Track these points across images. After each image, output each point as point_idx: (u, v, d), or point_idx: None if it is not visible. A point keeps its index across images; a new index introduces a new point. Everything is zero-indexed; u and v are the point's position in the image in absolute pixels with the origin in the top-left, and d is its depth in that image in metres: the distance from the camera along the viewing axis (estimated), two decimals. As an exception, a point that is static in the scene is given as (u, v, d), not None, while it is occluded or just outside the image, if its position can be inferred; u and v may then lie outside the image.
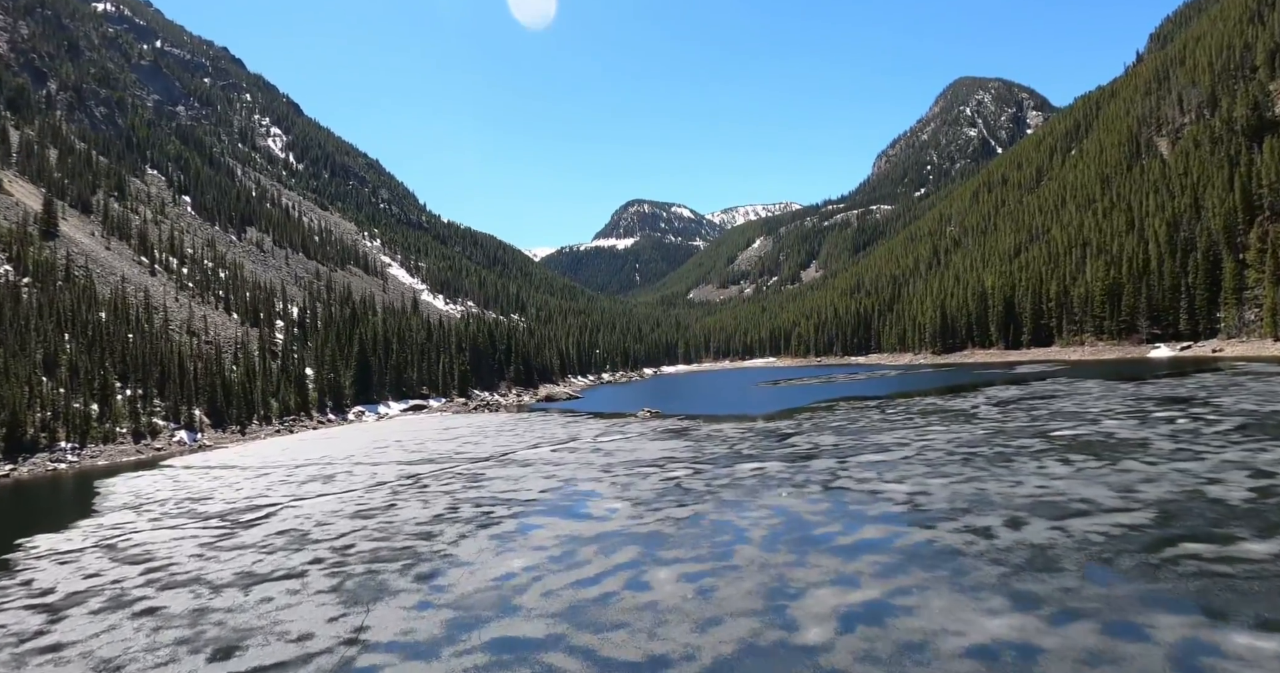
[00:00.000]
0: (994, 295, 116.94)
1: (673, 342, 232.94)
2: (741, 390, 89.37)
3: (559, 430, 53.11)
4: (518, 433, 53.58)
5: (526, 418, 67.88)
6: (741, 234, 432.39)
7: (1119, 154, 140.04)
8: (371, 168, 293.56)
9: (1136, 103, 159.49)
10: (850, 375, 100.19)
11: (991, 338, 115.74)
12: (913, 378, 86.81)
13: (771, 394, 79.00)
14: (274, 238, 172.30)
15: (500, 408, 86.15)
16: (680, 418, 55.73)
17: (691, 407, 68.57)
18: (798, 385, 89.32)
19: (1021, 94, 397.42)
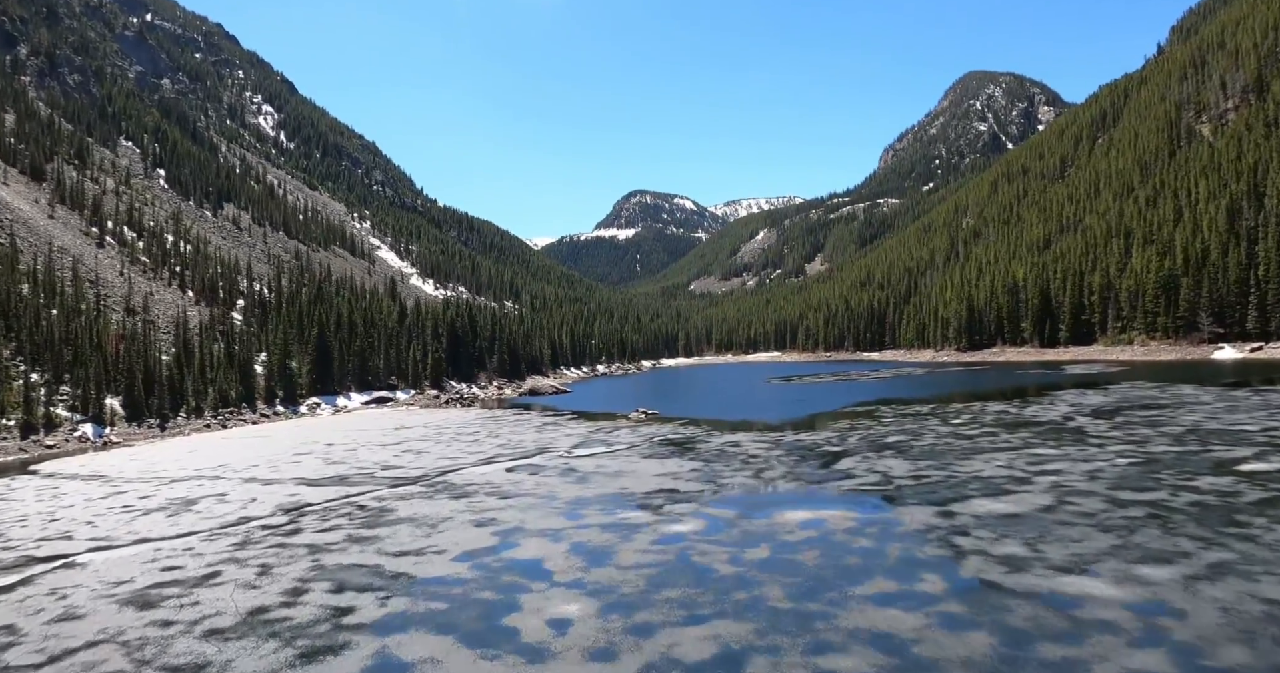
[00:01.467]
0: (1027, 288, 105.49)
1: (673, 333, 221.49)
2: (750, 388, 78.20)
3: (529, 437, 41.79)
4: (478, 439, 42.26)
5: (499, 416, 56.54)
6: (745, 226, 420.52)
7: (1157, 140, 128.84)
8: (366, 149, 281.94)
9: (1172, 89, 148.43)
10: (871, 373, 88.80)
11: (1025, 334, 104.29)
12: (947, 378, 75.49)
13: (788, 394, 67.72)
14: (253, 215, 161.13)
15: (475, 402, 74.88)
16: (682, 423, 44.41)
17: (695, 407, 57.36)
18: (815, 383, 78.06)
19: (1033, 89, 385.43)
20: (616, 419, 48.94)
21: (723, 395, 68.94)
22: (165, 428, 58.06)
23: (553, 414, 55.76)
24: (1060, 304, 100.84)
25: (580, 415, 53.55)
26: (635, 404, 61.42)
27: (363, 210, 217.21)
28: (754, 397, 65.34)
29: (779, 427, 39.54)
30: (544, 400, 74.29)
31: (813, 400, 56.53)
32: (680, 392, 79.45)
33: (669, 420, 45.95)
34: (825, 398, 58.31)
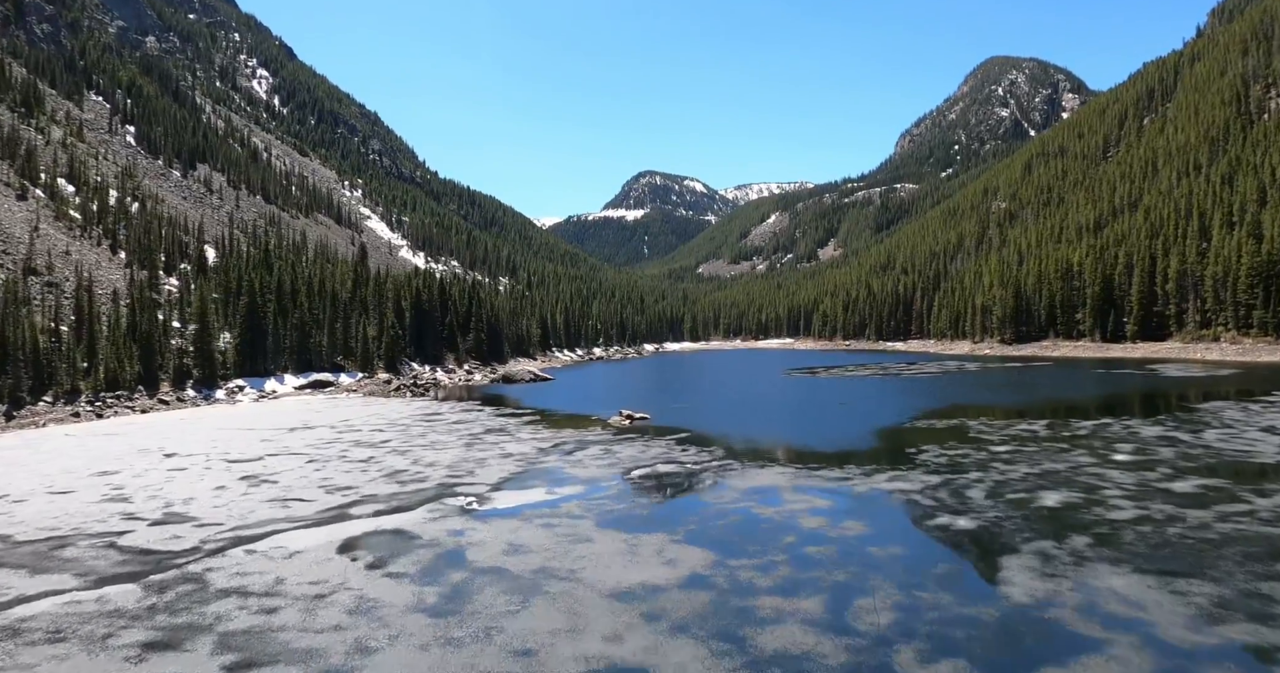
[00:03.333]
0: (1084, 274, 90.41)
1: (678, 316, 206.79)
2: (768, 382, 63.91)
3: (449, 457, 27.55)
4: (376, 457, 28.04)
5: (439, 415, 42.27)
6: (756, 209, 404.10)
7: (1225, 114, 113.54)
8: (365, 117, 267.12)
9: (1234, 63, 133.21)
10: (909, 367, 74.13)
11: (1082, 326, 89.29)
12: (1011, 377, 60.98)
13: (818, 393, 53.40)
14: (229, 177, 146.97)
15: (431, 391, 60.67)
16: (679, 438, 30.22)
17: (699, 409, 43.05)
18: (846, 379, 63.67)
19: (1057, 75, 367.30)
20: (590, 426, 34.71)
21: (735, 392, 54.55)
22: (12, 417, 44.01)
23: (512, 414, 41.44)
24: (1125, 293, 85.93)
25: (545, 418, 39.22)
26: (626, 399, 47.33)
27: (355, 179, 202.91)
28: (775, 396, 50.95)
29: (832, 458, 25.24)
30: (516, 390, 60.05)
31: (859, 406, 42.09)
32: (682, 384, 65.10)
33: (662, 433, 31.71)
34: (873, 402, 43.90)
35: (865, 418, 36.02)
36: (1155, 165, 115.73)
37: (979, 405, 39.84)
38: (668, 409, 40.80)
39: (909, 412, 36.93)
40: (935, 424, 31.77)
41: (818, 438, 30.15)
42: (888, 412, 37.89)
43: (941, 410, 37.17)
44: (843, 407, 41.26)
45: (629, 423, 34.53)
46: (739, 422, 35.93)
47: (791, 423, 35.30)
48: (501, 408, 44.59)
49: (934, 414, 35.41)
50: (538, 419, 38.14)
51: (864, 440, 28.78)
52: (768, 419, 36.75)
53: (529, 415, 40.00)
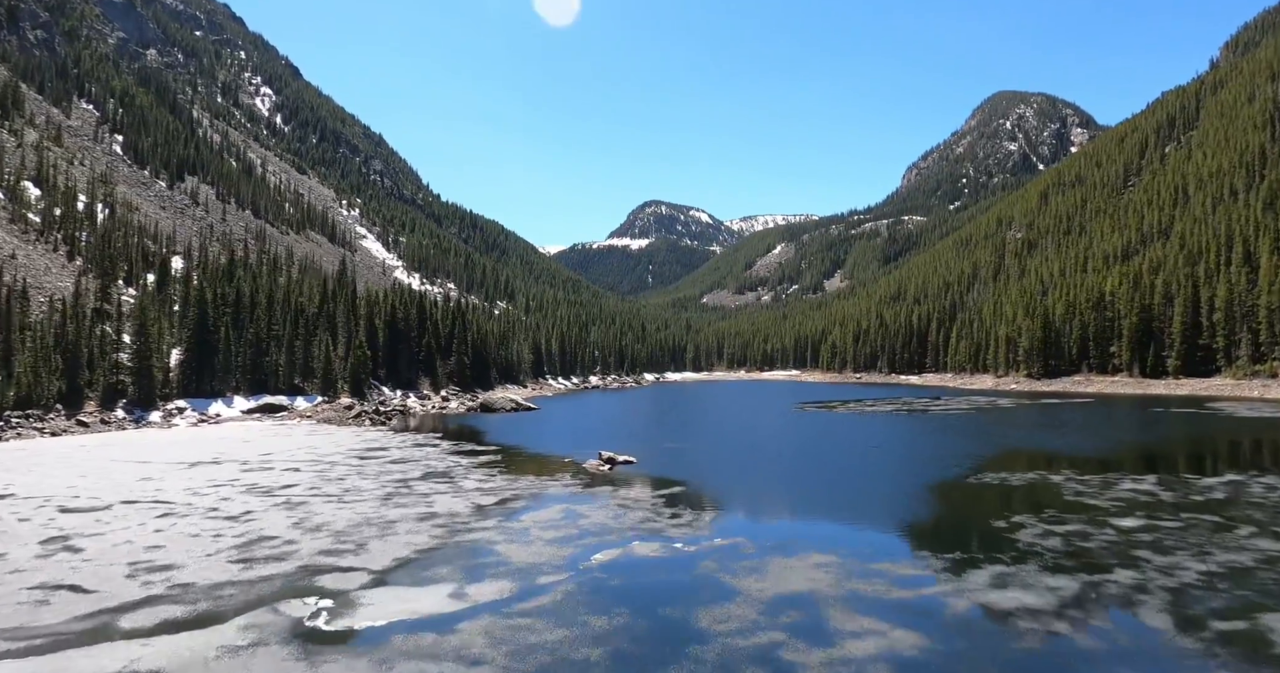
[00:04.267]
0: (1121, 304, 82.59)
1: (680, 345, 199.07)
2: (779, 419, 56.26)
3: (349, 516, 19.93)
4: (256, 512, 20.52)
5: (383, 450, 34.67)
6: (761, 239, 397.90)
7: (1258, 139, 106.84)
8: (368, 138, 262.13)
9: (1262, 88, 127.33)
10: (935, 403, 66.16)
11: (1118, 360, 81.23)
12: (1060, 417, 53.23)
13: (839, 433, 45.69)
14: (219, 191, 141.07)
15: (394, 418, 53.02)
16: (672, 497, 22.69)
17: (699, 452, 35.43)
18: (867, 414, 55.95)
19: (1065, 110, 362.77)
20: (558, 471, 27.07)
21: (741, 430, 46.70)
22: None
23: (470, 451, 33.77)
24: (1165, 325, 78.16)
25: (508, 458, 31.53)
26: (614, 435, 39.85)
27: (353, 198, 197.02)
28: (790, 435, 43.11)
29: (889, 536, 17.63)
30: (492, 422, 52.39)
31: (895, 450, 34.26)
32: (681, 418, 57.25)
33: (648, 484, 24.12)
34: (911, 446, 36.07)
35: (911, 468, 28.27)
36: (1185, 191, 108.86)
37: (1046, 452, 32.08)
38: (660, 450, 33.17)
39: (963, 459, 29.18)
40: (1008, 479, 24.00)
41: (857, 499, 22.46)
42: (936, 459, 30.15)
43: (1003, 458, 29.45)
44: (876, 451, 33.51)
45: (608, 469, 26.84)
46: (748, 470, 28.19)
47: (816, 474, 27.55)
48: (462, 444, 36.85)
49: (997, 464, 27.66)
50: (497, 460, 30.41)
51: (922, 505, 21.04)
52: (784, 467, 29.01)
53: (489, 455, 32.27)
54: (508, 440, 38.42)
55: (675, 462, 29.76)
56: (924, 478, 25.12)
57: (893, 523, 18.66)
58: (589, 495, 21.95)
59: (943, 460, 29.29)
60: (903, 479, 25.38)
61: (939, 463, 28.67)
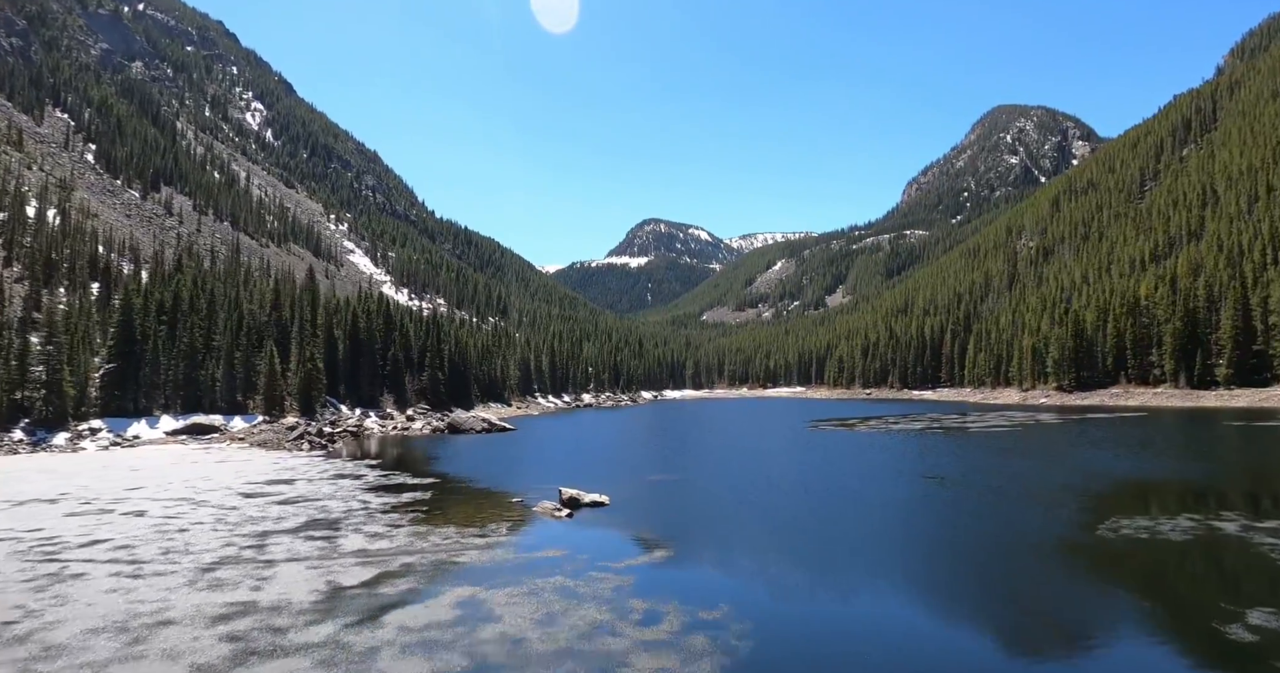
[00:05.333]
0: (1160, 308, 74.62)
1: (680, 361, 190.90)
2: (792, 438, 48.39)
3: (117, 607, 11.89)
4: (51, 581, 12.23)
5: (289, 482, 27.16)
6: (761, 256, 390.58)
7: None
8: (362, 154, 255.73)
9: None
10: (971, 421, 57.87)
11: (1161, 370, 73.06)
12: (1120, 431, 45.41)
13: (868, 453, 37.86)
14: (197, 202, 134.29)
15: (340, 441, 45.14)
16: (652, 568, 14.67)
17: (696, 488, 27.60)
18: (894, 433, 48.01)
19: (1066, 123, 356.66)
20: (498, 517, 19.28)
21: (749, 456, 38.52)
22: None
23: (397, 486, 25.89)
24: (1211, 330, 70.19)
25: (440, 499, 23.57)
26: (593, 463, 32.12)
27: (342, 213, 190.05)
28: (810, 462, 34.98)
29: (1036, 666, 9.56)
30: (453, 445, 44.49)
31: (967, 488, 26.04)
32: (678, 442, 49.08)
33: (617, 549, 16.32)
34: (984, 481, 27.90)
35: (999, 512, 20.22)
36: (1214, 191, 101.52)
37: (1163, 482, 24.30)
38: (645, 485, 25.32)
39: (1063, 497, 21.31)
40: (1160, 531, 16.16)
41: (937, 571, 14.58)
42: (1026, 497, 22.17)
43: (1118, 494, 21.65)
44: (935, 485, 25.49)
45: (566, 515, 18.97)
46: (766, 518, 20.18)
47: (861, 522, 19.54)
48: (395, 475, 28.89)
49: (1117, 503, 19.84)
50: (423, 501, 22.48)
51: (1073, 593, 13.10)
52: (813, 511, 21.01)
53: (418, 491, 24.31)
54: (456, 470, 30.50)
55: (663, 504, 21.86)
56: (1033, 531, 17.22)
57: (1055, 639, 10.74)
58: (518, 569, 14.02)
59: (1037, 499, 21.34)
60: (1002, 534, 17.42)
61: (1035, 504, 20.73)
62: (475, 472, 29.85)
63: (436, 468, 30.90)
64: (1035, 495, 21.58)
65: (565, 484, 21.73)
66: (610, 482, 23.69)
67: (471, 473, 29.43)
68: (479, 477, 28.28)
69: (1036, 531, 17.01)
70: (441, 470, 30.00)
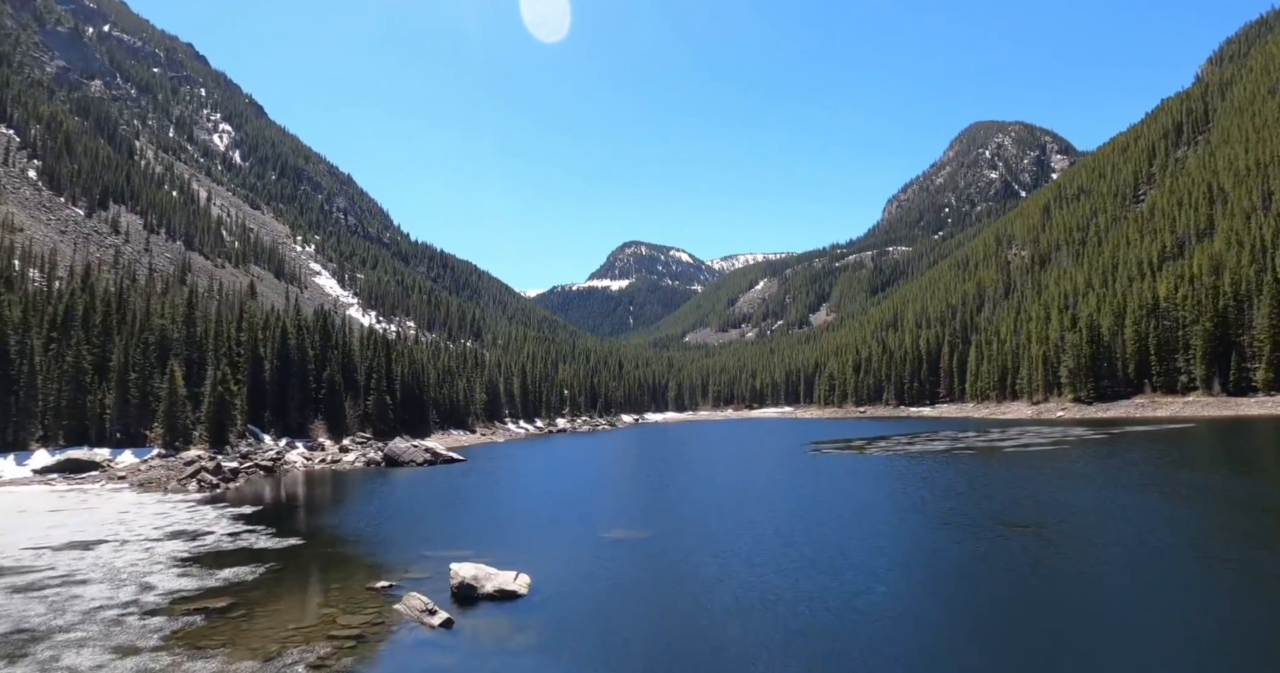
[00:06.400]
0: (1185, 310, 67.41)
1: (662, 383, 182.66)
2: (792, 467, 40.51)
3: None
4: None
5: (79, 556, 18.38)
6: (744, 276, 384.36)
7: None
8: (334, 176, 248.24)
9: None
10: (985, 437, 50.23)
11: (1190, 377, 65.69)
12: (1185, 449, 37.94)
13: (897, 486, 30.20)
14: (148, 221, 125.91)
15: (240, 478, 36.75)
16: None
17: (684, 559, 19.23)
18: (911, 457, 40.30)
19: (1044, 137, 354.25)
20: (337, 627, 11.19)
21: (742, 494, 30.09)
22: None
23: (250, 552, 17.83)
24: (1243, 331, 62.96)
25: (284, 576, 15.41)
26: (538, 508, 23.99)
27: (309, 234, 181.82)
28: (828, 504, 26.60)
29: None
30: (378, 484, 36.33)
31: (1090, 561, 17.78)
32: (654, 477, 40.54)
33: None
34: (1103, 541, 19.70)
35: (1173, 596, 12.36)
36: (1221, 188, 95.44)
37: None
38: (596, 551, 17.09)
39: (1233, 559, 13.44)
40: None
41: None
42: (1201, 560, 14.29)
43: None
44: (1025, 535, 17.54)
45: (442, 623, 10.82)
46: (780, 620, 12.04)
47: (952, 633, 11.57)
48: (259, 530, 20.74)
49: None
50: (252, 579, 14.37)
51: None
52: (857, 601, 12.96)
53: (261, 561, 16.19)
54: (345, 524, 22.27)
55: (614, 594, 13.60)
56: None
57: None
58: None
59: (1227, 565, 13.47)
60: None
61: (1227, 570, 12.84)
62: (368, 526, 21.54)
63: (322, 520, 22.74)
64: (1223, 559, 13.83)
65: (478, 548, 13.81)
66: (547, 545, 15.90)
67: (361, 529, 21.13)
68: (366, 536, 19.99)
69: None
70: (325, 524, 21.84)
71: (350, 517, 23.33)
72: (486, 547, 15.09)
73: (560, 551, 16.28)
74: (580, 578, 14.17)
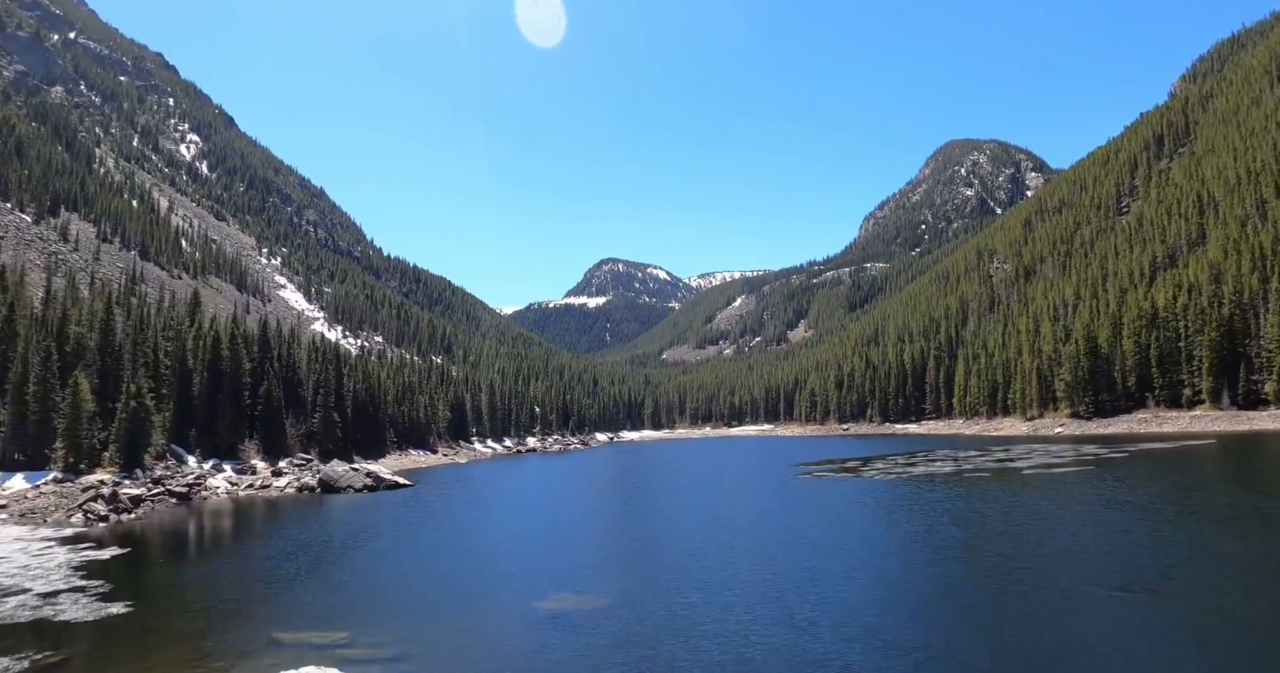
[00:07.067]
0: (1187, 319, 63.51)
1: (638, 400, 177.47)
2: (787, 494, 35.82)
3: None
4: None
5: None
6: (721, 293, 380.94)
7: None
8: (305, 189, 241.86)
9: (1267, 91, 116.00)
10: (996, 459, 45.60)
11: (1194, 389, 61.62)
12: (1225, 465, 33.55)
13: (925, 522, 25.56)
14: (102, 229, 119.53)
15: (145, 506, 31.39)
16: None
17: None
18: (919, 482, 35.78)
19: (1019, 155, 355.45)
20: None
21: (732, 542, 24.48)
22: None
23: (25, 616, 12.34)
24: (1254, 339, 59.03)
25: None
26: (476, 551, 19.06)
27: (276, 247, 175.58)
28: (843, 558, 21.01)
29: None
30: (296, 518, 31.20)
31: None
32: (620, 510, 35.33)
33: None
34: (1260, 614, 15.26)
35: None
36: (1212, 197, 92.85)
37: None
38: (523, 635, 12.12)
39: None
40: None
41: None
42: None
43: None
44: (1138, 602, 12.89)
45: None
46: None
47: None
48: (77, 588, 15.59)
49: None
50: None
51: None
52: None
53: (47, 648, 11.06)
54: (206, 579, 17.30)
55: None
56: None
57: None
58: None
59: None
60: None
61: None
62: (238, 583, 16.49)
63: (188, 573, 17.74)
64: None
65: (359, 628, 9.08)
66: (460, 622, 11.15)
67: (223, 589, 16.08)
68: (222, 600, 14.98)
69: None
70: (186, 580, 16.83)
71: (228, 566, 18.27)
72: (373, 625, 10.33)
73: (473, 635, 11.48)
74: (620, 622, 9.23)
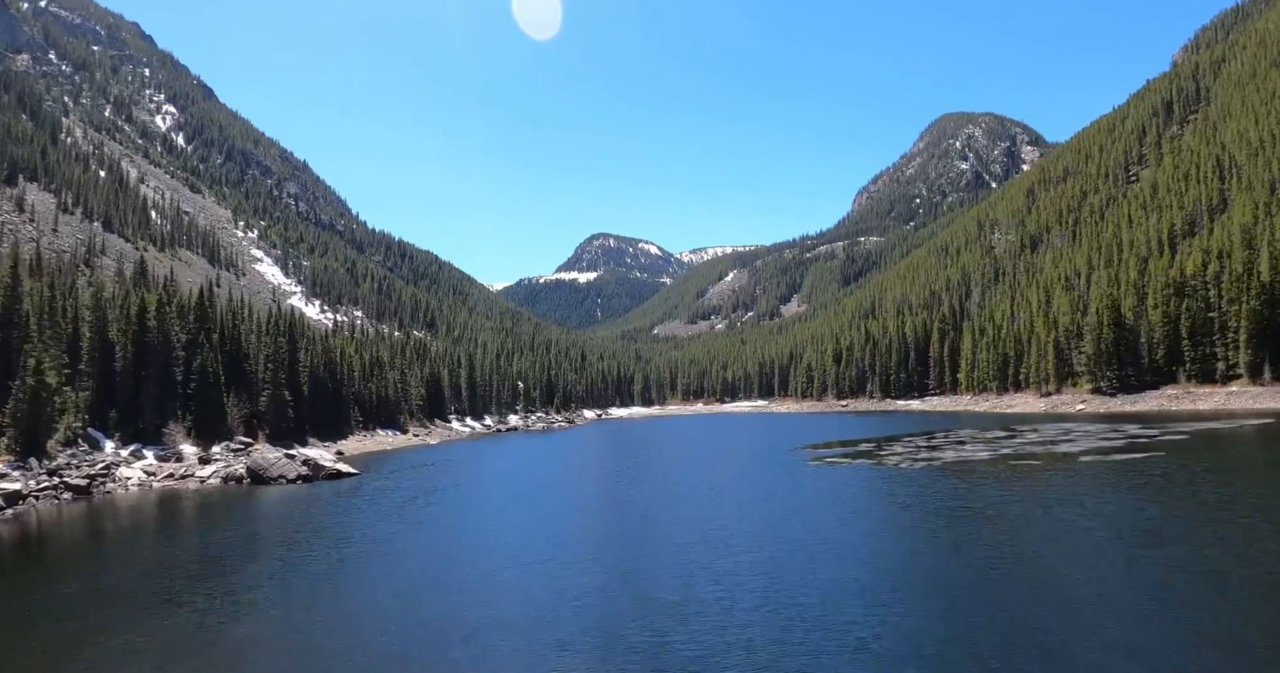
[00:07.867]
0: (1223, 286, 57.97)
1: (627, 375, 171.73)
2: (813, 499, 30.31)
3: None
4: None
5: None
6: (713, 268, 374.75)
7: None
8: (287, 162, 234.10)
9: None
10: (1042, 440, 40.11)
11: (1228, 363, 56.28)
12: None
13: (1080, 586, 19.68)
14: (62, 200, 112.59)
15: (29, 501, 25.54)
16: None
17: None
18: (961, 475, 30.34)
19: (1015, 129, 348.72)
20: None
21: (738, 576, 19.25)
22: None
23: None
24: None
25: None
26: (393, 579, 13.31)
27: (254, 220, 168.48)
28: (935, 622, 16.36)
29: None
30: (197, 518, 25.40)
31: None
32: (598, 504, 29.82)
33: None
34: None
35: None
36: (1233, 161, 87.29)
37: None
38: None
39: None
40: None
41: None
42: None
43: None
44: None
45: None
46: None
47: None
48: None
49: None
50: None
51: None
52: None
53: None
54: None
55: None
56: None
57: None
58: None
59: None
60: None
61: None
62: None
63: None
64: None
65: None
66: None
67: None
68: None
69: None
70: None
71: (35, 603, 12.73)
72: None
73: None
74: None
